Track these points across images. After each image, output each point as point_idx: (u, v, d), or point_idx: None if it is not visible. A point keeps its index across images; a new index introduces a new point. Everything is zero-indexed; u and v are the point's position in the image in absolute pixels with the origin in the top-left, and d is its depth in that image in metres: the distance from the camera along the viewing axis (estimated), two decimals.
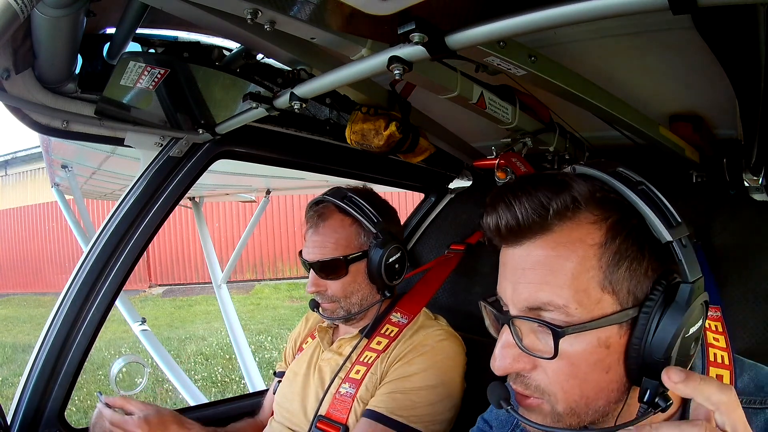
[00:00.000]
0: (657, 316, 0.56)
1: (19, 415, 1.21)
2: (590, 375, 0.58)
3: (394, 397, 1.10)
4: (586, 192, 0.59)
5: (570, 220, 0.59)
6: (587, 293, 0.57)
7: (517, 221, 0.59)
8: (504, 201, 0.61)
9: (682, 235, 0.56)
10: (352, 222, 1.24)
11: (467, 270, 1.62)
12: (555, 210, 0.58)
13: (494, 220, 0.62)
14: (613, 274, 0.57)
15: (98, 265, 1.29)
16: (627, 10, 0.57)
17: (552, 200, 0.58)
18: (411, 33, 0.68)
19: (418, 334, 1.21)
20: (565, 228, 0.59)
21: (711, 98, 1.09)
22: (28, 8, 0.59)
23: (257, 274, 10.27)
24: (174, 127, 1.31)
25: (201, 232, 4.29)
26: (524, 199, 0.59)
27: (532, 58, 0.87)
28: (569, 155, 1.34)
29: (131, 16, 0.92)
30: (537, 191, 0.59)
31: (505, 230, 0.61)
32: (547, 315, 0.58)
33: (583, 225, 0.59)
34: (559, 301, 0.57)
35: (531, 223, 0.59)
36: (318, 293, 1.25)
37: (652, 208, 0.57)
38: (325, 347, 1.31)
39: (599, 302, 0.57)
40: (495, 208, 0.62)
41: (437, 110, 1.41)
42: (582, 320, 0.57)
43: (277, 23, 0.72)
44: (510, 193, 0.60)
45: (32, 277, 10.81)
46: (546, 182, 0.60)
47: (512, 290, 0.62)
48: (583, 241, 0.58)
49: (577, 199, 0.59)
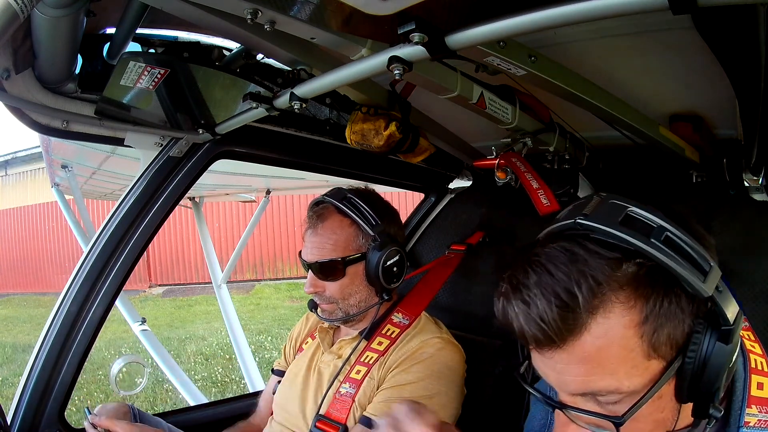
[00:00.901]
0: (703, 358, 0.56)
1: (19, 415, 1.21)
2: (648, 421, 0.59)
3: (390, 406, 1.09)
4: (609, 271, 0.54)
5: (600, 309, 0.54)
6: (635, 367, 0.56)
7: (546, 332, 0.54)
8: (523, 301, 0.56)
9: (717, 281, 0.55)
10: (350, 223, 1.23)
11: (467, 270, 1.62)
12: (583, 307, 0.53)
13: (519, 328, 0.57)
14: (656, 340, 0.55)
15: (98, 265, 1.29)
16: (627, 10, 0.57)
17: (577, 296, 0.53)
18: (411, 33, 0.68)
19: (417, 340, 1.19)
20: (599, 320, 0.54)
21: (711, 98, 1.09)
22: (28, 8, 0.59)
23: (257, 274, 10.27)
24: (174, 127, 1.31)
25: (201, 232, 4.28)
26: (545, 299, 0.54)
27: (532, 58, 0.86)
28: (569, 155, 1.34)
29: (131, 16, 0.92)
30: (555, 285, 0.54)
31: (534, 342, 0.57)
32: (603, 398, 0.57)
33: (615, 310, 0.54)
34: (611, 387, 0.56)
35: (561, 331, 0.54)
36: (316, 294, 1.25)
37: (682, 260, 0.54)
38: (325, 348, 1.31)
39: (647, 369, 0.56)
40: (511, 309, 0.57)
41: (437, 110, 1.41)
42: (636, 390, 0.56)
43: (277, 23, 0.72)
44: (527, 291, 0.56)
45: (32, 277, 10.80)
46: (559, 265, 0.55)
47: (558, 379, 0.59)
48: (620, 325, 0.54)
49: (600, 283, 0.54)
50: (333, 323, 1.31)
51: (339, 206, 1.24)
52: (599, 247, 0.55)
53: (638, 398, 0.56)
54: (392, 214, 1.30)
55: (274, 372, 1.46)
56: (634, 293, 0.54)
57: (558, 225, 0.61)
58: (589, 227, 0.57)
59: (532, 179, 1.23)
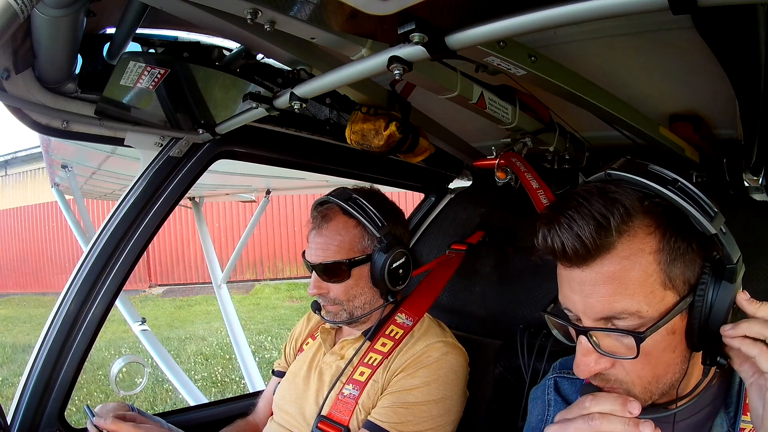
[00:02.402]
0: (711, 296, 0.64)
1: (19, 415, 1.21)
2: (661, 359, 0.66)
3: (395, 411, 1.09)
4: (635, 202, 0.64)
5: (627, 233, 0.63)
6: (653, 294, 0.63)
7: (583, 245, 0.63)
8: (563, 222, 0.64)
9: (721, 223, 0.63)
10: (356, 224, 1.22)
11: (467, 270, 1.62)
12: (615, 228, 0.62)
13: (559, 244, 0.65)
14: (671, 272, 0.64)
15: (98, 265, 1.29)
16: (627, 10, 0.57)
17: (609, 218, 0.62)
18: (411, 33, 0.68)
19: (422, 343, 1.19)
20: (625, 242, 0.63)
21: (711, 98, 1.09)
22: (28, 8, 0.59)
23: (257, 274, 10.27)
24: (174, 127, 1.31)
25: (201, 232, 4.28)
26: (582, 218, 0.63)
27: (532, 58, 0.87)
28: (569, 155, 1.34)
29: (131, 16, 0.92)
30: (591, 206, 0.63)
31: (572, 254, 0.64)
32: (621, 322, 0.64)
33: (639, 235, 0.63)
34: (632, 308, 0.63)
35: (596, 245, 0.62)
36: (320, 295, 1.24)
37: (692, 204, 0.62)
38: (327, 349, 1.30)
39: (663, 298, 0.64)
40: (553, 230, 0.65)
41: (437, 110, 1.41)
42: (653, 318, 0.63)
43: (277, 23, 0.72)
44: (568, 212, 0.64)
45: (32, 277, 10.80)
46: (594, 196, 0.64)
47: (584, 303, 0.66)
48: (642, 250, 0.63)
49: (629, 211, 0.63)
50: (337, 325, 1.30)
51: (344, 207, 1.22)
52: (627, 188, 0.65)
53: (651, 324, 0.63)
54: (398, 214, 1.29)
55: (274, 373, 1.46)
56: (653, 222, 0.64)
57: (591, 177, 0.70)
58: (618, 176, 0.66)
59: (532, 179, 1.23)
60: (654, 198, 0.64)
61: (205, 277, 8.43)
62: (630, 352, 0.63)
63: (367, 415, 1.13)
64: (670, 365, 0.67)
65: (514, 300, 1.58)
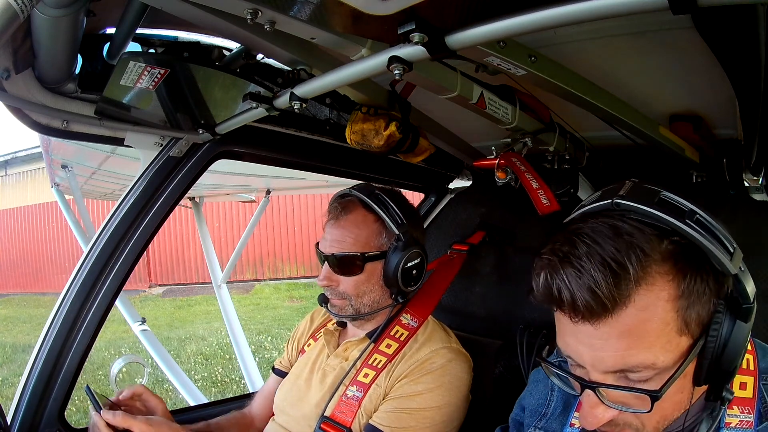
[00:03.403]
0: (724, 337, 0.59)
1: (19, 415, 1.21)
2: (671, 401, 0.61)
3: (398, 416, 1.09)
4: (653, 244, 0.57)
5: (645, 282, 0.56)
6: (669, 343, 0.58)
7: (598, 300, 0.55)
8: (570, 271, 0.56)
9: (740, 260, 0.59)
10: (375, 219, 1.22)
11: (468, 270, 1.62)
12: (633, 277, 0.55)
13: (567, 297, 0.57)
14: (688, 317, 0.58)
15: (98, 265, 1.29)
16: (627, 10, 0.57)
17: (627, 266, 0.55)
18: (411, 33, 0.68)
19: (426, 349, 1.17)
20: (642, 292, 0.56)
21: (711, 98, 1.09)
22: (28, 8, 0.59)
23: (257, 274, 10.27)
24: (174, 127, 1.31)
25: (201, 232, 4.29)
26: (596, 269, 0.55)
27: (532, 58, 0.87)
28: (569, 155, 1.34)
29: (131, 16, 0.92)
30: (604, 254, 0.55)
31: (584, 310, 0.56)
32: (635, 375, 0.58)
33: (657, 283, 0.57)
34: (647, 361, 0.57)
35: (613, 300, 0.55)
36: (329, 288, 1.22)
37: (712, 240, 0.57)
38: (330, 351, 1.29)
39: (678, 344, 0.58)
40: (559, 277, 0.57)
41: (437, 110, 1.41)
42: (668, 368, 0.58)
43: (277, 23, 0.72)
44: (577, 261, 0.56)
45: (32, 277, 10.80)
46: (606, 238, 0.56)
47: (592, 356, 0.60)
48: (660, 299, 0.57)
49: (647, 254, 0.56)
50: (342, 319, 1.28)
51: (365, 200, 1.22)
52: (639, 224, 0.58)
53: (669, 375, 0.58)
54: (417, 217, 1.28)
55: (274, 371, 1.45)
56: (673, 268, 0.57)
57: (593, 206, 0.63)
58: (628, 207, 0.59)
59: (532, 179, 1.23)
60: (672, 236, 0.57)
61: (205, 277, 8.42)
62: (643, 405, 0.58)
63: (369, 418, 1.12)
64: (678, 405, 0.63)
65: (514, 300, 1.58)
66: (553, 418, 0.81)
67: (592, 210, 0.63)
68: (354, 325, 1.30)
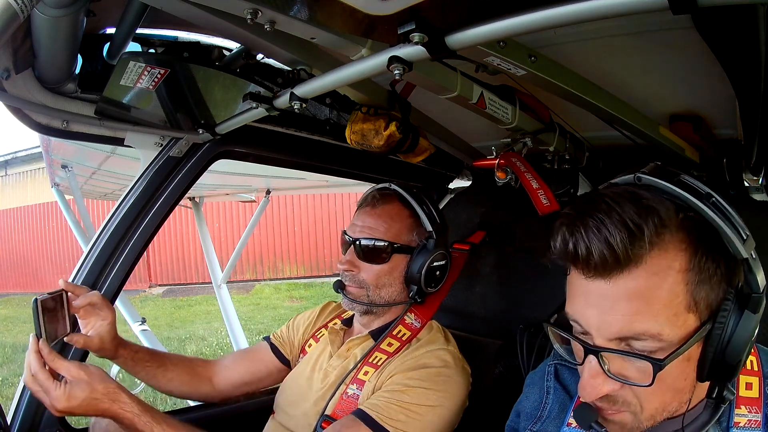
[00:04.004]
0: (732, 326, 0.58)
1: (19, 415, 1.21)
2: (671, 386, 0.61)
3: (388, 406, 1.06)
4: (671, 213, 0.58)
5: (658, 246, 0.57)
6: (677, 316, 0.58)
7: (613, 254, 0.56)
8: (591, 225, 0.57)
9: (752, 248, 0.59)
10: (410, 215, 1.23)
11: (468, 270, 1.62)
12: (648, 238, 0.56)
13: (583, 250, 0.58)
14: (697, 294, 0.58)
15: (98, 265, 1.29)
16: (627, 10, 0.57)
17: (644, 227, 0.56)
18: (411, 33, 0.68)
19: (423, 349, 1.16)
20: (656, 256, 0.57)
21: (711, 98, 1.09)
22: (28, 8, 0.59)
23: (257, 274, 10.27)
24: (174, 127, 1.31)
25: (201, 232, 4.28)
26: (614, 223, 0.56)
27: (532, 58, 0.87)
28: (569, 155, 1.34)
29: (131, 16, 0.92)
30: (623, 212, 0.57)
31: (599, 262, 0.57)
32: (638, 344, 0.58)
33: (670, 250, 0.58)
34: (653, 330, 0.57)
35: (627, 255, 0.56)
36: (348, 273, 1.22)
37: (726, 223, 0.58)
38: (333, 351, 1.28)
39: (685, 322, 0.58)
40: (578, 233, 0.58)
41: (437, 110, 1.41)
42: (672, 343, 0.58)
43: (277, 23, 0.72)
44: (597, 215, 0.57)
45: (32, 277, 10.80)
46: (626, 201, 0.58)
47: (599, 320, 0.60)
48: (672, 267, 0.58)
49: (663, 222, 0.57)
50: (353, 309, 1.26)
51: (404, 196, 1.24)
52: (659, 196, 0.59)
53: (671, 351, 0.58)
54: (446, 224, 1.30)
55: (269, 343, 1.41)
56: (686, 239, 0.58)
57: (617, 180, 0.64)
58: (649, 181, 0.61)
59: (532, 179, 1.23)
60: (688, 212, 0.59)
61: (205, 277, 8.43)
62: (644, 378, 0.58)
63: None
64: (678, 393, 0.62)
65: (514, 300, 1.58)
66: (549, 420, 0.80)
67: (616, 182, 0.65)
68: (360, 322, 1.30)
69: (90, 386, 0.92)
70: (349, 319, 1.37)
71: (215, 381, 1.36)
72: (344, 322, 1.36)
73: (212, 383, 1.35)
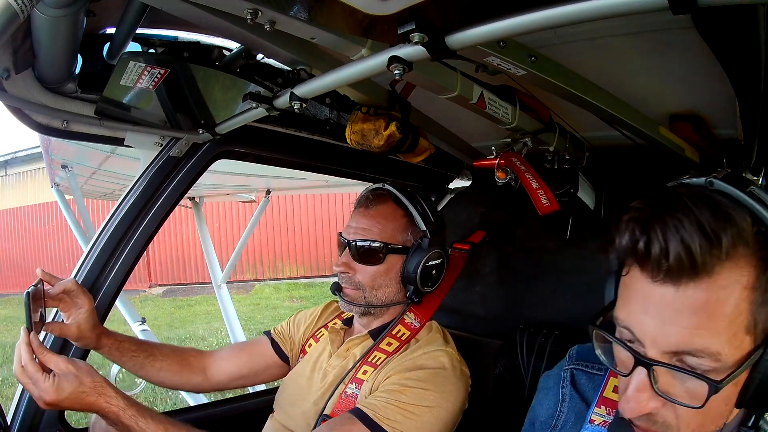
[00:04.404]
0: None
1: (19, 415, 1.21)
2: (715, 410, 0.57)
3: (386, 406, 1.04)
4: (748, 225, 0.54)
5: (731, 258, 0.53)
6: (736, 336, 0.54)
7: (690, 257, 0.52)
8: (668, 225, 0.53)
9: None
10: (404, 215, 1.24)
11: (467, 270, 1.62)
12: (725, 248, 0.52)
13: (657, 250, 0.53)
14: (758, 316, 0.54)
15: (98, 265, 1.29)
16: (627, 10, 0.57)
17: (722, 236, 0.52)
18: (411, 33, 0.68)
19: (421, 350, 1.16)
20: (728, 268, 0.53)
21: (711, 98, 1.09)
22: (28, 8, 0.59)
23: (257, 274, 10.27)
24: (174, 127, 1.31)
25: (201, 232, 4.28)
26: (691, 226, 0.52)
27: (532, 58, 0.87)
28: (569, 155, 1.34)
29: (131, 16, 0.92)
30: (701, 217, 0.53)
31: (674, 264, 0.53)
32: (694, 361, 0.54)
33: (741, 264, 0.54)
34: (713, 348, 0.53)
35: (703, 262, 0.52)
36: (344, 275, 1.22)
37: None
38: (333, 351, 1.28)
39: (742, 343, 0.55)
40: (654, 231, 0.54)
41: (437, 110, 1.41)
42: (727, 365, 0.54)
43: (277, 23, 0.72)
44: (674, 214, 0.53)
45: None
46: (702, 205, 0.54)
47: (657, 329, 0.55)
48: (740, 283, 0.54)
49: (741, 234, 0.53)
50: (351, 311, 1.27)
51: (397, 196, 1.24)
52: (735, 204, 0.55)
53: (727, 373, 0.54)
54: (443, 222, 1.30)
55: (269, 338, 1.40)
56: (758, 254, 0.54)
57: (686, 180, 0.60)
58: (722, 188, 0.56)
59: (532, 179, 1.23)
60: (762, 225, 0.54)
61: (205, 277, 8.43)
62: (693, 399, 0.54)
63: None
64: (717, 418, 0.59)
65: (514, 300, 1.58)
66: (564, 430, 0.76)
67: (686, 183, 0.60)
68: (360, 323, 1.30)
69: (78, 379, 0.93)
70: (350, 318, 1.37)
71: (209, 372, 1.35)
72: (345, 322, 1.36)
73: (206, 374, 1.34)
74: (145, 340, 1.35)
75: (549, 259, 1.53)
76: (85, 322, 1.14)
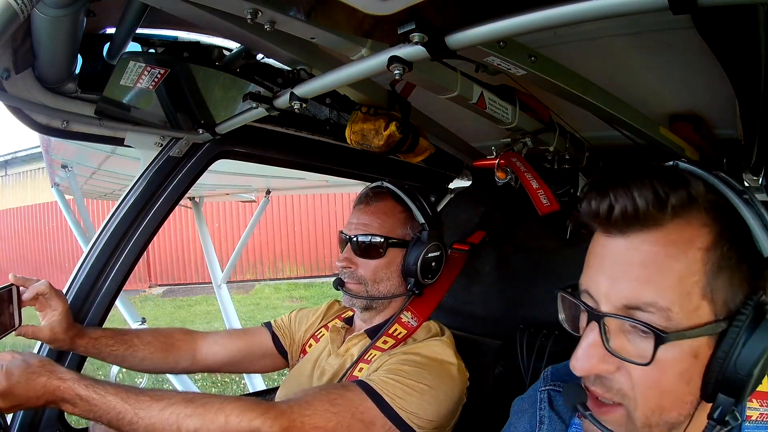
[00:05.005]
0: (747, 332, 0.55)
1: (19, 415, 1.21)
2: (673, 385, 0.57)
3: (386, 380, 1.04)
4: (702, 191, 0.57)
5: (682, 218, 0.56)
6: (689, 298, 0.55)
7: (635, 208, 0.56)
8: (620, 185, 0.57)
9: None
10: (402, 210, 1.27)
11: (467, 270, 1.62)
12: (672, 204, 0.56)
13: (606, 204, 0.57)
14: (714, 282, 0.55)
15: (98, 265, 1.29)
16: (627, 10, 0.57)
17: (670, 193, 0.56)
18: (411, 33, 0.68)
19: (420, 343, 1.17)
20: (677, 225, 0.56)
21: (711, 98, 1.09)
22: (28, 8, 0.59)
23: (257, 274, 10.27)
24: (174, 127, 1.31)
25: (201, 232, 4.29)
26: (641, 186, 0.56)
27: (532, 58, 0.87)
28: (569, 155, 1.34)
29: (131, 16, 0.92)
30: (653, 180, 0.56)
31: (618, 215, 0.57)
32: (645, 316, 0.55)
33: (694, 226, 0.56)
34: (663, 303, 0.55)
35: (648, 212, 0.55)
36: (347, 270, 1.24)
37: (757, 220, 0.56)
38: (333, 350, 1.29)
39: (698, 309, 0.55)
40: (607, 191, 0.58)
41: (437, 110, 1.41)
42: (681, 326, 0.55)
43: (277, 23, 0.72)
44: (627, 179, 0.57)
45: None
46: (660, 174, 0.58)
47: (609, 285, 0.58)
48: (693, 243, 0.56)
49: (693, 196, 0.56)
50: (353, 306, 1.28)
51: (396, 192, 1.28)
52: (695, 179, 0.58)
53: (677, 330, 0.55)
54: (440, 219, 1.32)
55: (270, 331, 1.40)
56: (713, 217, 0.57)
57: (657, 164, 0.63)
58: (687, 168, 0.60)
59: (532, 179, 1.23)
60: (720, 199, 0.57)
61: (205, 277, 8.42)
62: (643, 357, 0.55)
63: None
64: (679, 400, 0.58)
65: (514, 300, 1.58)
66: None
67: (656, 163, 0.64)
68: (362, 318, 1.31)
69: (25, 362, 0.92)
70: (351, 318, 1.38)
71: (200, 356, 1.33)
72: (346, 321, 1.37)
73: (195, 357, 1.33)
74: (126, 329, 1.33)
75: (549, 259, 1.53)
76: (59, 324, 1.14)
